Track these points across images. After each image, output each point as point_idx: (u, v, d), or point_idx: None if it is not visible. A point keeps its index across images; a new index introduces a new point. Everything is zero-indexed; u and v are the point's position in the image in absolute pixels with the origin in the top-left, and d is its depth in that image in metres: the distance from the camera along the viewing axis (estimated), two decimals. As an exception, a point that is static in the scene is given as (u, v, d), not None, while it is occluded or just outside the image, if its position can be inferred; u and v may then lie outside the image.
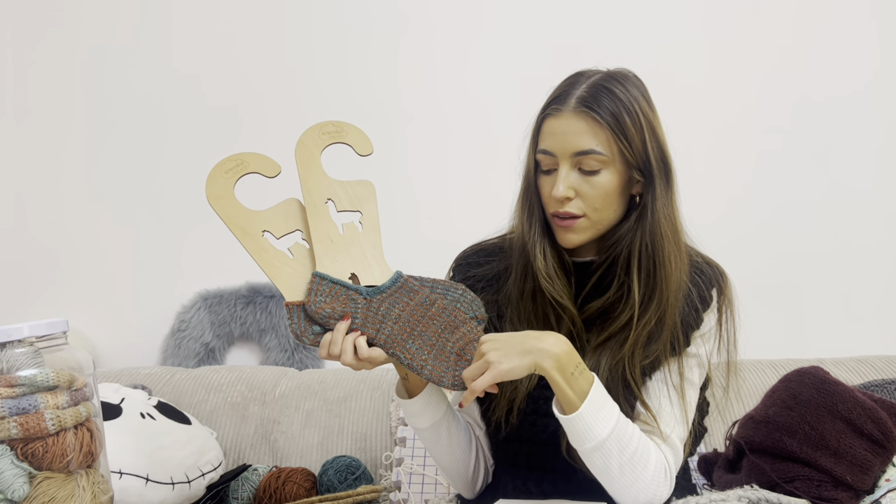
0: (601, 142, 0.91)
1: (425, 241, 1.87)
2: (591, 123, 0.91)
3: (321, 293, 0.90)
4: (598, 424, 0.86)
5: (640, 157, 0.92)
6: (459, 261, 1.10)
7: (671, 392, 0.96)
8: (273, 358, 1.91)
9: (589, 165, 0.92)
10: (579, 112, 0.91)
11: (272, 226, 0.94)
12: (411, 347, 0.90)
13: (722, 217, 1.87)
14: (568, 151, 0.92)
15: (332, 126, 0.97)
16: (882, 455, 1.11)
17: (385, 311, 0.91)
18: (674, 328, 0.95)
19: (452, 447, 1.02)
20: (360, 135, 0.99)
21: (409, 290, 0.93)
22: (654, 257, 0.93)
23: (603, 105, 0.91)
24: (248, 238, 0.93)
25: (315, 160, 0.96)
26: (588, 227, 0.95)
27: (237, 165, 0.95)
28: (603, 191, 0.92)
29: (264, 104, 1.97)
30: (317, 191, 0.94)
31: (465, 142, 1.93)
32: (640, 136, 0.91)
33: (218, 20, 1.98)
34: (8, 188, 2.01)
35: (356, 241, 0.94)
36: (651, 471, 0.90)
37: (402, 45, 1.95)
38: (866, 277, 1.87)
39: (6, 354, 0.80)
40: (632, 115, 0.91)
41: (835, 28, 1.88)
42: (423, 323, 0.91)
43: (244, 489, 1.42)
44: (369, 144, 0.98)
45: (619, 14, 1.91)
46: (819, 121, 1.88)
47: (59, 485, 0.80)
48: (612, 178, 0.92)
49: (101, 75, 2.00)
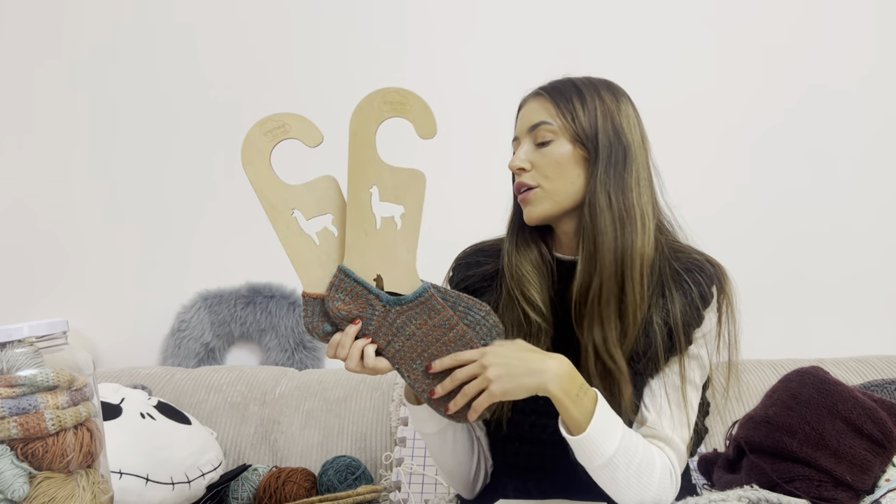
0: (551, 115, 0.98)
1: (426, 241, 1.87)
2: (543, 101, 1.00)
3: (342, 290, 0.85)
4: (605, 442, 0.88)
5: (587, 132, 0.97)
6: (459, 260, 1.11)
7: (673, 394, 0.96)
8: (273, 358, 1.91)
9: (542, 137, 0.98)
10: (538, 95, 1.02)
11: (303, 205, 0.86)
12: (417, 368, 0.87)
13: (722, 216, 1.87)
14: (526, 126, 1.00)
15: (398, 95, 0.85)
16: (882, 455, 1.11)
17: (401, 324, 0.87)
18: (674, 326, 0.95)
19: (457, 451, 1.03)
20: (426, 113, 0.86)
21: (430, 308, 0.87)
22: (592, 229, 0.95)
23: (557, 88, 1.00)
24: (276, 214, 0.85)
25: (370, 134, 0.85)
26: (543, 197, 0.98)
27: (277, 128, 0.85)
28: (553, 159, 0.97)
29: (267, 105, 1.97)
30: (364, 174, 0.84)
31: (466, 141, 1.93)
32: (589, 116, 0.98)
33: (223, 21, 1.98)
34: (9, 189, 2.01)
35: (391, 240, 0.86)
36: (657, 477, 0.92)
37: (403, 44, 1.96)
38: (866, 277, 1.87)
39: (6, 354, 0.80)
40: (584, 97, 0.98)
41: (834, 26, 1.88)
42: (435, 346, 0.87)
43: (244, 489, 1.42)
44: (434, 126, 0.87)
45: (620, 15, 1.91)
46: (819, 120, 1.88)
47: (59, 485, 0.79)
48: (560, 148, 0.97)
49: (103, 78, 2.00)
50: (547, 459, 1.00)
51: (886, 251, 1.87)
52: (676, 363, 0.96)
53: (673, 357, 0.96)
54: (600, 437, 0.88)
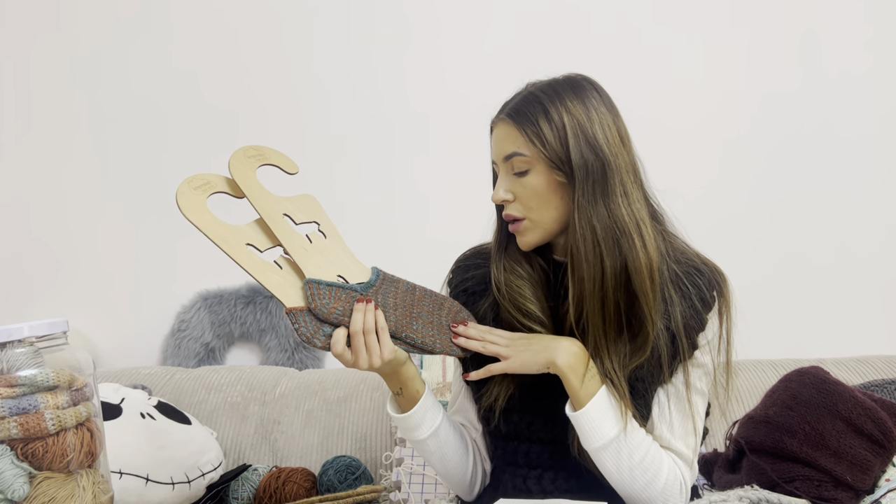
0: (520, 144, 0.95)
1: (427, 241, 1.88)
2: (510, 128, 0.97)
3: (323, 296, 0.91)
4: (605, 424, 0.91)
5: (560, 156, 0.94)
6: (458, 263, 1.12)
7: (680, 403, 0.96)
8: (273, 358, 1.91)
9: (518, 167, 0.96)
10: (504, 120, 0.98)
11: (254, 240, 0.94)
12: (417, 328, 0.95)
13: (722, 216, 1.87)
14: (500, 156, 0.98)
15: (254, 150, 1.00)
16: (882, 455, 1.11)
17: (382, 301, 0.95)
18: (677, 332, 0.95)
19: (451, 454, 1.03)
20: (281, 156, 1.02)
21: (391, 281, 0.98)
22: (578, 255, 0.94)
23: (522, 112, 0.96)
24: (232, 248, 0.92)
25: (253, 181, 0.97)
26: (532, 227, 0.98)
27: (204, 184, 0.95)
28: (533, 190, 0.96)
29: (264, 105, 1.97)
30: (270, 208, 0.96)
31: (466, 141, 1.93)
32: (559, 136, 0.94)
33: (218, 21, 1.98)
34: (8, 189, 2.01)
35: (327, 247, 0.97)
36: (663, 480, 0.92)
37: (402, 45, 1.95)
38: (866, 277, 1.87)
39: (6, 354, 0.80)
40: (549, 115, 0.94)
41: (833, 24, 1.89)
42: (416, 305, 0.97)
43: (244, 489, 1.42)
44: (292, 164, 1.02)
45: (622, 16, 1.91)
46: (819, 120, 1.88)
47: (59, 485, 0.80)
48: (538, 178, 0.95)
49: (100, 77, 2.00)
50: (546, 458, 1.00)
51: (887, 251, 1.87)
52: (681, 371, 0.96)
53: (677, 364, 0.95)
54: (600, 417, 0.91)
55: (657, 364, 0.94)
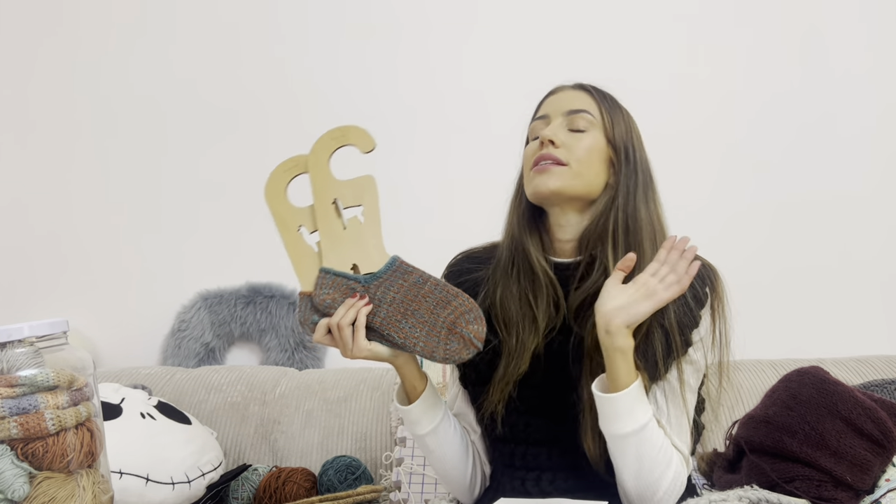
0: (592, 107, 1.01)
1: (426, 240, 1.87)
2: (585, 95, 1.03)
3: (325, 285, 0.97)
4: (640, 409, 0.90)
5: (619, 137, 1.00)
6: (451, 268, 1.12)
7: (675, 400, 0.96)
8: (273, 358, 1.91)
9: (578, 124, 0.99)
10: (577, 88, 1.04)
11: (308, 223, 1.02)
12: (405, 327, 0.96)
13: (722, 216, 1.87)
14: (561, 110, 1.01)
15: (338, 131, 1.04)
16: (882, 455, 1.11)
17: (381, 295, 0.97)
18: (670, 328, 0.95)
19: (451, 452, 1.03)
20: (360, 134, 1.05)
21: (403, 272, 0.99)
22: (631, 236, 0.97)
23: (599, 90, 1.04)
24: (285, 229, 1.01)
25: (324, 164, 1.03)
26: (570, 174, 0.98)
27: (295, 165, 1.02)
28: (587, 146, 0.99)
29: (263, 106, 1.97)
30: (323, 193, 1.02)
31: (467, 141, 1.93)
32: (624, 124, 1.01)
33: (216, 23, 1.98)
34: (8, 189, 2.01)
35: (359, 233, 1.01)
36: (672, 472, 0.92)
37: (400, 43, 1.96)
38: (866, 277, 1.87)
39: (6, 354, 0.80)
40: (620, 108, 1.03)
41: (833, 24, 1.89)
42: (416, 301, 0.97)
43: (244, 489, 1.42)
44: (371, 141, 1.05)
45: (622, 16, 1.91)
46: (818, 120, 1.88)
47: (59, 485, 0.80)
48: (596, 140, 0.99)
49: (101, 79, 2.00)
50: (543, 459, 1.00)
51: (887, 251, 1.87)
52: (675, 368, 0.96)
53: (671, 362, 0.96)
54: (637, 401, 0.90)
55: (652, 361, 0.94)
